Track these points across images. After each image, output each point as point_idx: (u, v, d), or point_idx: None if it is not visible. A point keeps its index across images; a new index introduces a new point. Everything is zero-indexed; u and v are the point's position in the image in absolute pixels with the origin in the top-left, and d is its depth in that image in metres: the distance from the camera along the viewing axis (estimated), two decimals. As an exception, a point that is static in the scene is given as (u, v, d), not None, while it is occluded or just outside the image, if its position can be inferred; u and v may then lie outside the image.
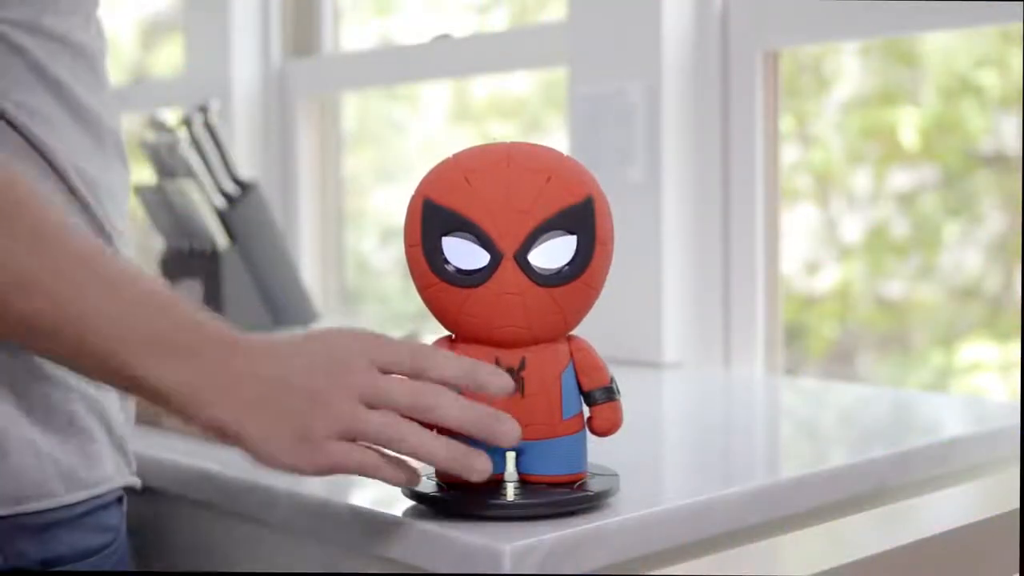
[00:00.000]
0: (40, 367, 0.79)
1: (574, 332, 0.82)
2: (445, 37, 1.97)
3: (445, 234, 0.78)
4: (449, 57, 1.97)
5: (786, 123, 1.94)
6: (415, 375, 0.74)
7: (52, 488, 0.79)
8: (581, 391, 0.81)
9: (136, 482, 0.88)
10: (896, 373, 2.19)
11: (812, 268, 2.27)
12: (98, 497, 0.83)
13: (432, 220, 0.79)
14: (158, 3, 2.85)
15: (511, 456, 0.82)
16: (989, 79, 2.05)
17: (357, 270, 2.44)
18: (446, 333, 0.82)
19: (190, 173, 1.81)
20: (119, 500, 0.87)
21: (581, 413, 0.82)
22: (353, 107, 2.38)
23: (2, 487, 0.77)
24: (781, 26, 1.51)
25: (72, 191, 0.83)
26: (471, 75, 2.14)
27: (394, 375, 0.74)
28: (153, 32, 2.92)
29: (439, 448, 0.73)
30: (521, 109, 2.40)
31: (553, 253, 0.78)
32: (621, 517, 0.82)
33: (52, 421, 0.79)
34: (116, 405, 0.86)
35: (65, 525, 0.81)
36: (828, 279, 2.28)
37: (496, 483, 0.82)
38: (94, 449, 0.82)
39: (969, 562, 0.84)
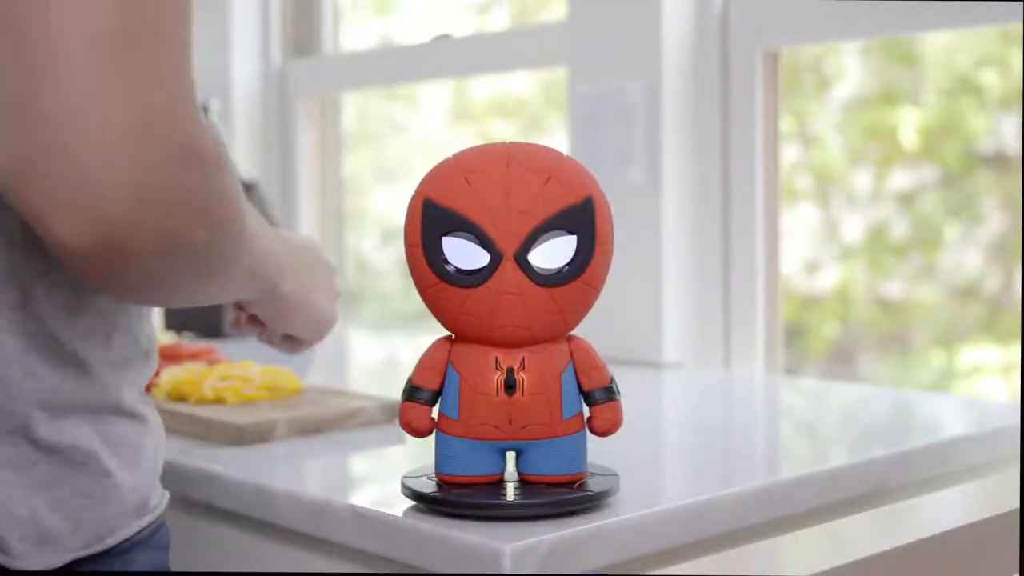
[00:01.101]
0: (122, 404, 0.80)
1: (574, 332, 0.82)
2: (445, 37, 1.97)
3: (445, 234, 0.78)
4: (449, 57, 1.97)
5: (786, 123, 1.94)
6: None
7: (129, 521, 0.81)
8: (581, 391, 0.81)
9: (167, 495, 0.90)
10: (896, 373, 2.19)
11: (812, 268, 2.27)
12: (158, 518, 0.85)
13: (432, 220, 0.79)
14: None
15: (511, 456, 0.82)
16: (989, 79, 2.05)
17: (357, 270, 2.44)
18: (446, 333, 0.82)
19: (190, 173, 1.81)
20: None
21: (581, 413, 0.82)
22: (353, 107, 2.38)
23: (88, 528, 0.78)
24: (781, 26, 1.51)
25: None
26: (471, 75, 2.14)
27: None
28: (153, 32, 2.92)
29: None
30: (521, 109, 2.40)
31: (553, 253, 0.78)
32: (621, 517, 0.82)
33: (129, 456, 0.81)
34: (159, 423, 0.87)
35: (138, 547, 0.82)
36: (828, 279, 2.28)
37: (496, 483, 0.82)
38: (154, 477, 0.84)
39: (969, 562, 0.84)
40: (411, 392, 0.82)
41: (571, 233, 0.78)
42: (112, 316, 0.79)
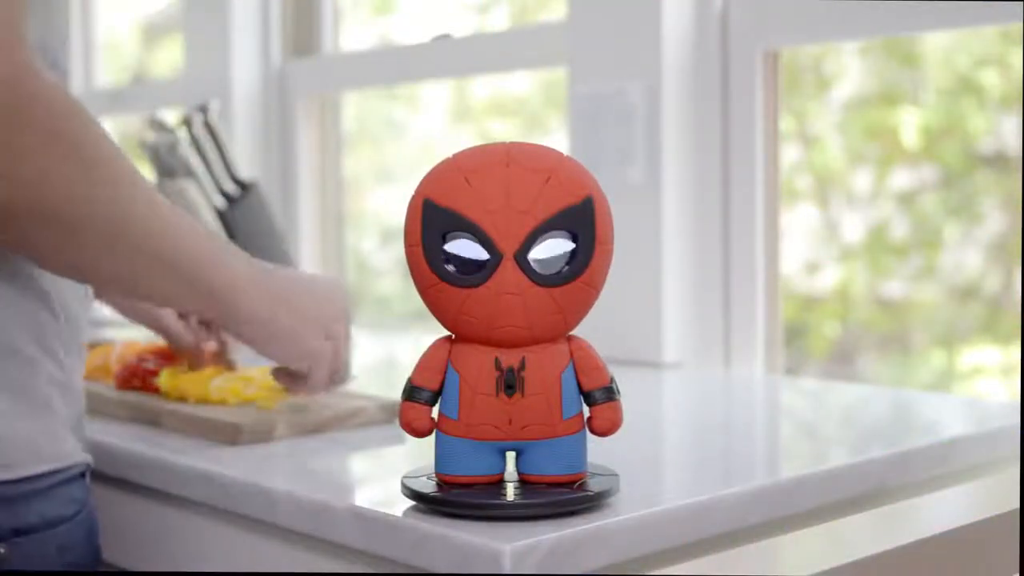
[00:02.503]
0: (12, 347, 0.85)
1: (574, 332, 0.82)
2: (445, 37, 1.97)
3: (445, 234, 0.78)
4: (449, 57, 1.97)
5: (786, 123, 1.94)
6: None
7: (19, 459, 0.85)
8: (581, 391, 0.81)
9: (89, 459, 0.94)
10: (896, 373, 2.18)
11: (812, 268, 2.27)
12: (62, 471, 0.89)
13: (432, 220, 0.79)
14: (158, 3, 2.85)
15: (511, 456, 0.82)
16: (989, 79, 2.05)
17: (357, 270, 2.44)
18: (446, 333, 0.82)
19: (190, 173, 1.81)
20: (82, 475, 0.92)
21: (581, 413, 0.82)
22: (353, 107, 2.38)
23: None
24: (781, 26, 1.51)
25: None
26: (471, 75, 2.14)
27: None
28: (153, 32, 2.92)
29: None
30: (521, 109, 2.39)
31: (553, 253, 0.78)
32: (621, 517, 0.82)
33: (21, 398, 0.85)
34: (79, 386, 0.92)
35: (35, 496, 0.87)
36: (828, 279, 2.28)
37: (496, 483, 0.82)
38: (57, 426, 0.88)
39: (969, 562, 0.84)
40: (411, 392, 0.82)
41: (571, 233, 0.78)
42: (9, 258, 0.84)
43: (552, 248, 0.78)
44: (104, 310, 1.29)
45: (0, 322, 0.84)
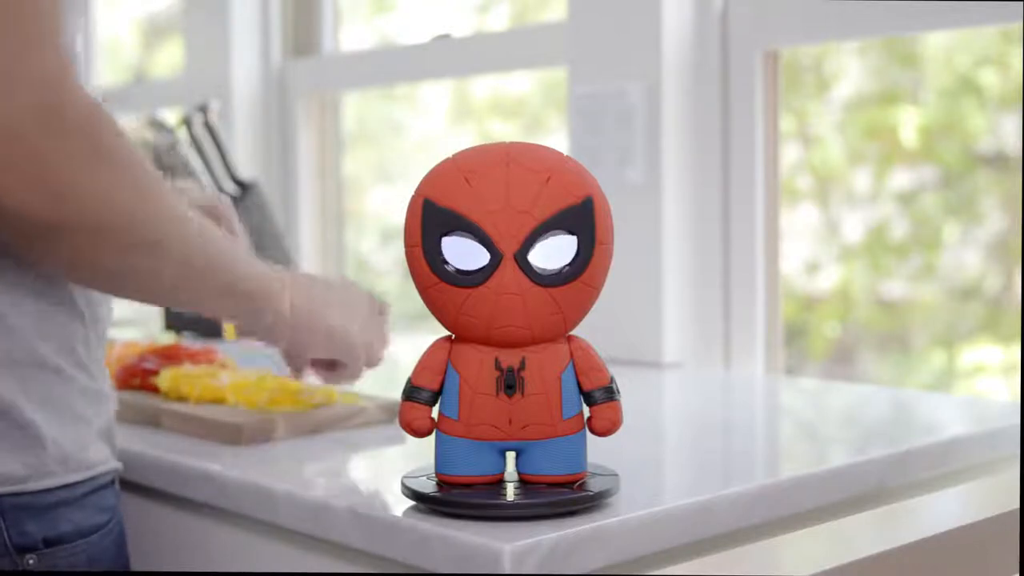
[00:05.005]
0: (43, 358, 0.85)
1: (574, 332, 0.82)
2: (445, 37, 1.97)
3: (445, 234, 0.78)
4: (449, 57, 1.97)
5: (786, 123, 1.94)
6: None
7: (52, 469, 0.86)
8: (581, 391, 0.81)
9: (120, 466, 0.94)
10: (896, 373, 2.18)
11: (812, 268, 2.27)
12: (94, 479, 0.89)
13: (432, 220, 0.79)
14: (158, 3, 2.85)
15: (511, 456, 0.82)
16: (989, 79, 2.05)
17: (357, 270, 2.44)
18: (446, 333, 0.82)
19: (190, 173, 1.81)
20: (112, 482, 0.93)
21: (581, 413, 0.82)
22: (353, 107, 2.38)
23: (7, 467, 0.84)
24: (781, 26, 1.51)
25: None
26: (471, 75, 2.14)
27: None
28: (153, 32, 2.92)
29: None
30: (521, 109, 2.39)
31: (553, 253, 0.78)
32: (621, 517, 0.82)
33: (52, 409, 0.86)
34: (109, 391, 0.92)
35: (69, 505, 0.87)
36: (828, 279, 2.28)
37: (496, 483, 0.82)
38: (88, 435, 0.89)
39: (969, 562, 0.84)
40: (411, 392, 0.82)
41: (571, 233, 0.78)
42: (33, 271, 0.84)
43: (552, 248, 0.78)
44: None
45: (30, 334, 0.84)
